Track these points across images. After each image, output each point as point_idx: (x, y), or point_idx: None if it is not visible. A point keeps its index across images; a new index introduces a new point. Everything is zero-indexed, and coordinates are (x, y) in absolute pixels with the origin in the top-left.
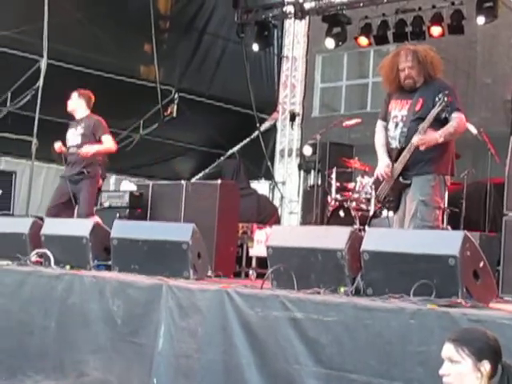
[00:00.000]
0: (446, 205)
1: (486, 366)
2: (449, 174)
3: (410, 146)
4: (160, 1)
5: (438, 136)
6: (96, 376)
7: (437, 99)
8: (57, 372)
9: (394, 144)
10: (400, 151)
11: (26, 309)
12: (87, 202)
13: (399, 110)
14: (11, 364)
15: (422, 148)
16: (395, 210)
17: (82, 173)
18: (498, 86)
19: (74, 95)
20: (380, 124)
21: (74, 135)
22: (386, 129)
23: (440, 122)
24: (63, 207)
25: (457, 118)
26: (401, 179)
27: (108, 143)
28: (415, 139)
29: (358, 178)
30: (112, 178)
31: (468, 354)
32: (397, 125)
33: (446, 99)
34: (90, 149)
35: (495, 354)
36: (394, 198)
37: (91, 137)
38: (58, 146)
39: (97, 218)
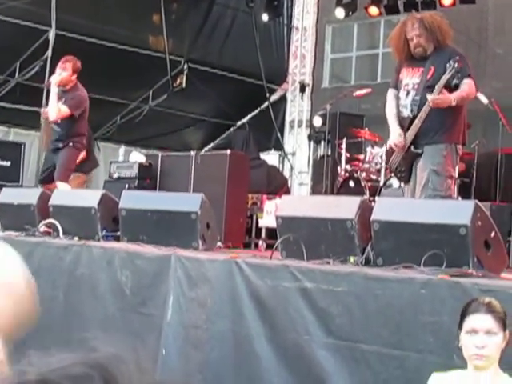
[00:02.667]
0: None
1: (507, 335)
2: (460, 143)
3: (422, 114)
4: None
5: (452, 98)
6: (104, 346)
7: (447, 66)
8: (64, 342)
9: (406, 113)
10: (412, 120)
11: (34, 280)
12: (62, 167)
13: (410, 77)
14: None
15: (433, 106)
16: (407, 180)
17: (66, 145)
18: (509, 56)
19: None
20: (391, 92)
21: None
22: (397, 97)
23: (450, 89)
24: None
25: (468, 84)
26: (412, 149)
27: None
28: (430, 97)
29: (368, 149)
30: (121, 149)
31: (502, 324)
32: (408, 93)
33: (456, 65)
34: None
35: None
36: (405, 168)
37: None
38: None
39: (67, 186)
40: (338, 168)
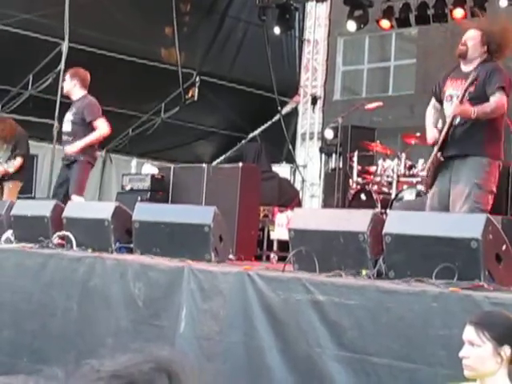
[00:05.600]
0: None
1: (506, 351)
2: (501, 158)
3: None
4: None
5: (471, 111)
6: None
7: (473, 75)
8: (78, 351)
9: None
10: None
11: (47, 291)
12: (76, 183)
13: (453, 88)
14: (34, 346)
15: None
16: (429, 187)
17: (76, 160)
18: None
19: (67, 76)
20: (432, 103)
21: (67, 120)
22: (440, 109)
23: (481, 100)
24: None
25: (496, 99)
26: (438, 155)
27: (100, 129)
28: (453, 105)
29: (380, 162)
30: (133, 161)
31: (489, 338)
32: (452, 104)
33: (478, 75)
34: (78, 144)
35: None
36: (430, 174)
37: (81, 123)
38: None
39: (81, 199)
40: (350, 181)
